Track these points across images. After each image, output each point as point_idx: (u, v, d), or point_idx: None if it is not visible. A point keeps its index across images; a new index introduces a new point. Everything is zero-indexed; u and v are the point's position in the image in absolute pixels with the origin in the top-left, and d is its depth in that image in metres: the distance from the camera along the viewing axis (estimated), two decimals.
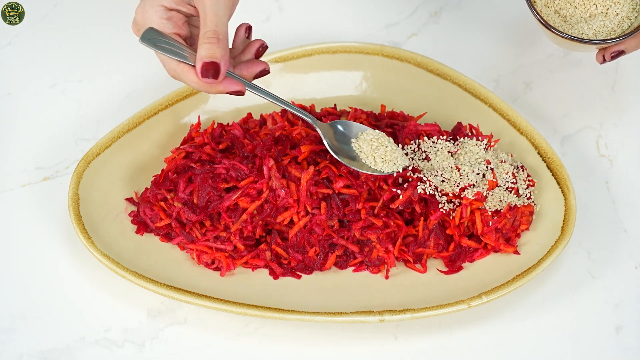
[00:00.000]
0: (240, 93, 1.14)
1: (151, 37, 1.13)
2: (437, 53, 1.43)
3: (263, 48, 1.18)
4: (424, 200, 1.24)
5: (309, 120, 1.22)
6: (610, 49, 1.24)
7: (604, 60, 1.25)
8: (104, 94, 1.40)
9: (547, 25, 1.25)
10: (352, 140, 1.24)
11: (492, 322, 1.22)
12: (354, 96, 1.37)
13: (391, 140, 1.24)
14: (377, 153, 1.23)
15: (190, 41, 1.16)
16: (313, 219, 1.22)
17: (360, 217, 1.22)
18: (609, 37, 1.25)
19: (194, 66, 1.12)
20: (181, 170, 1.26)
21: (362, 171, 1.21)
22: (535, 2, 1.29)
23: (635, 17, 1.26)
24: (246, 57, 1.17)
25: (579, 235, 1.28)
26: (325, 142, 1.22)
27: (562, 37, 1.25)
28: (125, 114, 1.36)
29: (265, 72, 1.17)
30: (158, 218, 1.25)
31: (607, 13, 1.27)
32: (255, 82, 1.26)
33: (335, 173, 1.23)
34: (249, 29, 1.18)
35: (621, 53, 1.23)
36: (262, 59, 1.36)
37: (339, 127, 1.25)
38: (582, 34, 1.26)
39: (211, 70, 1.11)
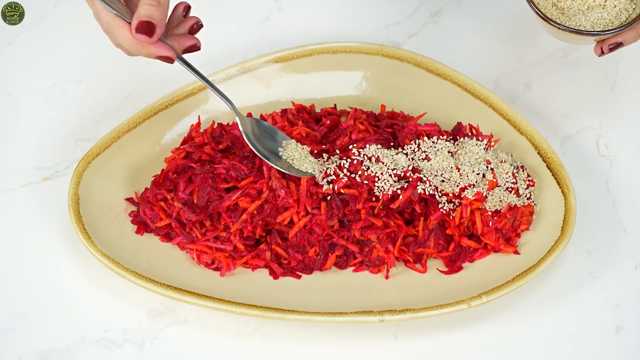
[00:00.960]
0: (169, 60, 1.15)
1: None
2: (437, 53, 1.43)
3: (198, 25, 1.18)
4: (424, 200, 1.24)
5: (229, 106, 1.22)
6: (608, 41, 1.24)
7: (602, 53, 1.24)
8: (104, 94, 1.40)
9: (544, 17, 1.25)
10: (280, 149, 1.24)
11: (492, 322, 1.22)
12: (354, 96, 1.37)
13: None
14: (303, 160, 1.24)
15: (130, 5, 1.16)
16: (313, 219, 1.23)
17: (360, 217, 1.22)
18: (606, 29, 1.25)
19: (129, 23, 1.13)
20: (181, 170, 1.26)
21: (286, 172, 1.22)
22: None
23: (633, 8, 1.26)
24: (180, 31, 1.18)
25: (579, 235, 1.28)
26: (242, 130, 1.22)
27: (560, 29, 1.24)
28: (125, 114, 1.36)
29: (195, 47, 1.18)
30: (158, 218, 1.25)
31: (604, 5, 1.26)
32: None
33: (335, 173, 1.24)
34: (187, 7, 1.19)
35: (619, 45, 1.23)
36: (262, 58, 1.36)
37: (259, 125, 1.25)
38: (579, 25, 1.26)
39: (146, 28, 1.11)
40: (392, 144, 1.28)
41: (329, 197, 1.23)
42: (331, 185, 1.23)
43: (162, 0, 1.12)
